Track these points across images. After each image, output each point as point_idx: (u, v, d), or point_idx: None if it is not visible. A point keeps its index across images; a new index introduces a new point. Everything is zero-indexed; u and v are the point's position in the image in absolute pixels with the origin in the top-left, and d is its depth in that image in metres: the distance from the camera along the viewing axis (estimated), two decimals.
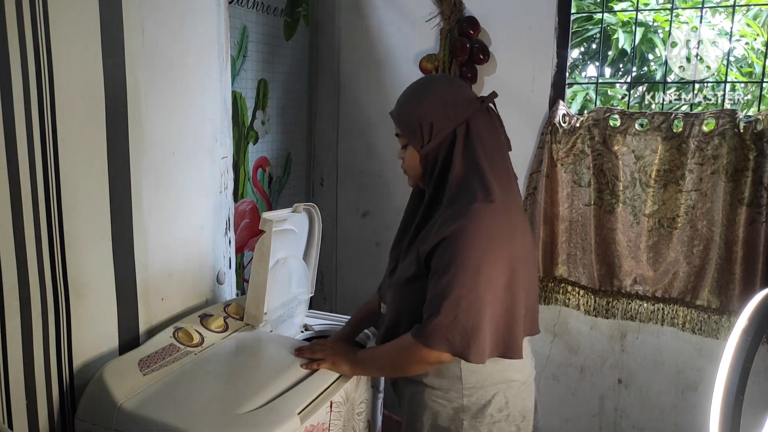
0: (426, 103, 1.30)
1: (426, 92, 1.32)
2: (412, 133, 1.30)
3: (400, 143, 1.36)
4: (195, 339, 1.44)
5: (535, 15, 2.12)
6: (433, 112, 1.28)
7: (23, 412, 1.19)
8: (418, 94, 1.33)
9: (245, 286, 2.20)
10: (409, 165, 1.34)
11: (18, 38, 1.10)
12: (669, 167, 1.98)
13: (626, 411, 2.22)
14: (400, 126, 1.34)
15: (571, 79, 2.96)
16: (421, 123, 1.28)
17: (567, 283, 2.19)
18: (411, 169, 1.35)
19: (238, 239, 2.11)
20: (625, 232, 2.06)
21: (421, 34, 2.28)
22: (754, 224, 1.87)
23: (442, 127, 1.27)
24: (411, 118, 1.30)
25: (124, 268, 1.39)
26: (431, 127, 1.28)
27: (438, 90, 1.32)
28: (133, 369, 1.29)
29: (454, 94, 1.31)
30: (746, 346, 0.92)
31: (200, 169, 1.63)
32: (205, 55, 1.62)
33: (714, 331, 1.98)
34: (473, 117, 1.27)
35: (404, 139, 1.34)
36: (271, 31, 2.21)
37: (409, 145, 1.32)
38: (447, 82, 1.40)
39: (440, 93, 1.31)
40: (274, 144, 2.30)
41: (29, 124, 1.14)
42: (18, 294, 1.15)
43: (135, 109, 1.37)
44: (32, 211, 1.16)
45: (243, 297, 1.75)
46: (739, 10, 2.96)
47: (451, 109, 1.28)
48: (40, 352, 1.21)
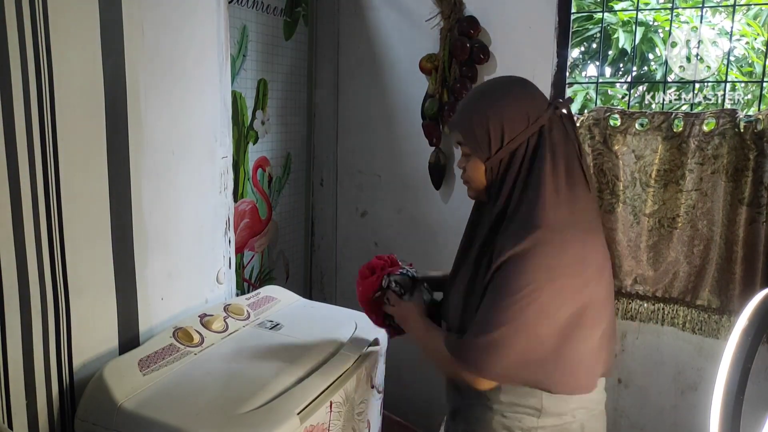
0: (495, 107, 1.15)
1: (495, 95, 1.17)
2: (477, 142, 1.15)
3: (462, 152, 1.22)
4: (195, 339, 1.45)
5: (535, 15, 2.12)
6: (502, 118, 1.14)
7: (23, 412, 1.19)
8: (486, 98, 1.17)
9: (245, 286, 2.20)
10: (472, 176, 1.20)
11: (18, 38, 1.10)
12: (669, 167, 1.97)
13: (626, 411, 2.21)
14: (462, 132, 1.19)
15: (572, 79, 2.96)
16: (488, 130, 1.14)
17: None
18: (473, 181, 1.20)
19: (238, 239, 2.11)
20: (625, 232, 2.06)
21: (421, 33, 2.28)
22: (755, 224, 1.87)
23: (513, 135, 1.13)
24: (476, 125, 1.15)
25: (124, 268, 1.39)
26: (501, 135, 1.14)
27: (509, 93, 1.17)
28: (133, 369, 1.29)
29: (528, 98, 1.16)
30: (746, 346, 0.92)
31: (200, 168, 1.63)
32: (205, 55, 1.62)
33: (714, 331, 1.98)
34: (547, 125, 1.14)
35: (467, 148, 1.19)
36: (271, 30, 2.21)
37: (473, 155, 1.18)
38: (519, 83, 1.21)
39: (512, 97, 1.16)
40: (274, 144, 2.30)
41: (29, 124, 1.14)
42: (18, 294, 1.15)
43: (135, 109, 1.37)
44: (32, 210, 1.16)
45: (243, 297, 1.75)
46: (740, 9, 2.96)
47: (524, 116, 1.14)
48: (40, 352, 1.21)
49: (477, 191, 1.22)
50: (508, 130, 1.13)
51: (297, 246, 2.55)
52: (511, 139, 1.13)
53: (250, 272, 2.23)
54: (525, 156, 1.13)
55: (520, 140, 1.13)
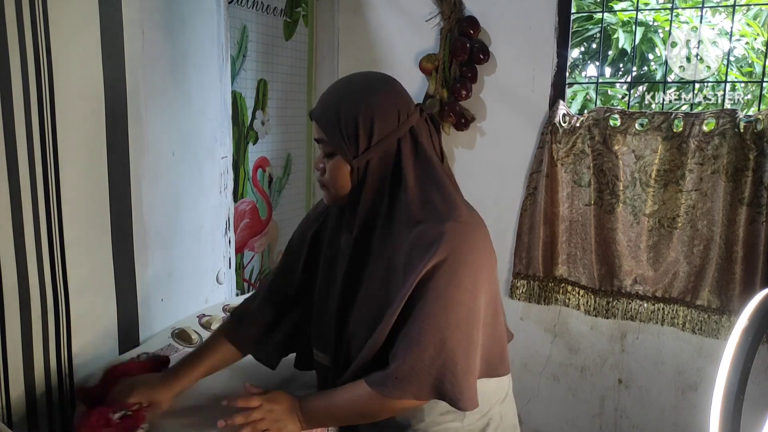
0: (366, 102, 1.04)
1: (366, 89, 1.06)
2: (343, 140, 1.03)
3: (323, 151, 1.08)
4: (194, 339, 1.45)
5: (535, 15, 2.12)
6: (373, 114, 1.03)
7: (23, 412, 1.19)
8: (355, 91, 1.06)
9: (245, 286, 2.20)
10: (334, 178, 1.06)
11: (18, 39, 1.10)
12: (669, 167, 1.97)
13: (626, 411, 2.21)
14: (325, 129, 1.06)
15: (572, 79, 2.96)
16: (357, 127, 1.03)
17: (567, 283, 2.19)
18: (334, 184, 1.07)
19: (238, 239, 2.10)
20: (625, 232, 2.06)
21: (421, 33, 2.28)
22: (755, 224, 1.87)
23: (383, 134, 1.03)
24: (343, 119, 1.03)
25: (124, 268, 1.39)
26: (370, 132, 1.03)
27: (381, 89, 1.06)
28: None
29: (399, 96, 1.07)
30: (746, 346, 0.92)
31: (200, 169, 1.63)
32: (205, 55, 1.62)
33: (714, 331, 1.98)
34: (416, 126, 1.06)
35: (330, 146, 1.06)
36: (271, 31, 2.21)
37: (337, 155, 1.05)
38: (390, 80, 1.10)
39: (383, 92, 1.06)
40: (274, 144, 2.30)
41: (29, 124, 1.14)
42: (18, 294, 1.15)
43: (135, 110, 1.37)
44: (32, 211, 1.16)
45: (242, 297, 1.75)
46: (739, 9, 2.96)
47: (395, 114, 1.04)
48: (40, 352, 1.21)
49: (337, 196, 1.09)
50: (378, 128, 1.03)
51: None
52: (382, 137, 1.03)
53: (250, 272, 2.23)
54: (401, 157, 1.03)
55: (390, 141, 1.04)
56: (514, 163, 2.22)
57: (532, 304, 2.25)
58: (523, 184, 2.20)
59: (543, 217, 2.14)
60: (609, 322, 2.17)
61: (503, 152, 2.24)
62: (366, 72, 1.13)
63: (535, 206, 2.16)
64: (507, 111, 2.23)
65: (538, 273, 2.19)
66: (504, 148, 2.23)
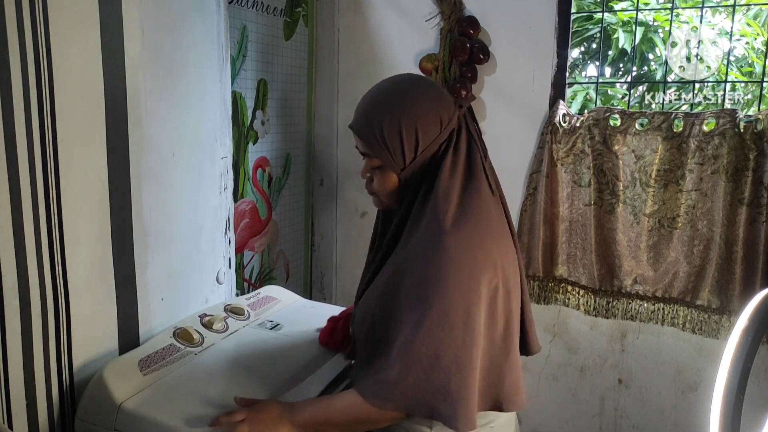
0: (409, 112, 1.01)
1: (407, 97, 1.03)
2: (390, 155, 1.02)
3: (370, 164, 1.07)
4: (195, 339, 1.44)
5: (535, 15, 2.12)
6: (417, 125, 1.01)
7: (23, 412, 1.19)
8: (396, 100, 1.03)
9: (245, 285, 2.20)
10: (385, 188, 1.07)
11: (18, 39, 1.10)
12: (669, 167, 1.97)
13: (626, 411, 2.21)
14: (370, 145, 1.04)
15: (572, 79, 2.96)
16: (402, 141, 1.01)
17: (567, 283, 2.19)
18: (386, 193, 1.08)
19: (238, 239, 2.10)
20: (625, 232, 2.06)
21: (421, 33, 2.28)
22: (755, 224, 1.87)
23: (428, 143, 1.02)
24: (387, 133, 1.01)
25: (124, 268, 1.39)
26: (416, 144, 1.02)
27: (422, 95, 1.03)
28: (133, 369, 1.29)
29: (440, 100, 1.04)
30: (746, 346, 0.92)
31: (200, 169, 1.63)
32: (205, 55, 1.62)
33: (714, 331, 1.98)
34: (456, 127, 1.05)
35: (376, 160, 1.05)
36: (271, 31, 2.21)
37: (384, 167, 1.05)
38: (429, 83, 1.08)
39: (425, 99, 1.03)
40: (274, 144, 2.30)
41: (29, 124, 1.14)
42: (18, 294, 1.15)
43: (135, 110, 1.37)
44: (32, 211, 1.16)
45: (243, 297, 1.75)
46: (739, 9, 2.96)
47: (438, 121, 1.02)
48: (40, 352, 1.21)
49: (388, 203, 1.10)
50: (422, 138, 1.01)
51: (297, 246, 2.55)
52: (425, 148, 1.02)
53: (250, 272, 2.23)
54: (443, 162, 1.03)
55: (434, 148, 1.03)
56: (514, 163, 2.22)
57: (531, 304, 2.25)
58: (523, 184, 2.20)
59: (543, 217, 2.14)
60: (609, 322, 2.17)
61: (503, 152, 2.23)
62: (401, 77, 1.09)
63: (535, 206, 2.16)
64: (507, 111, 2.23)
65: (538, 273, 2.19)
66: (504, 148, 2.23)
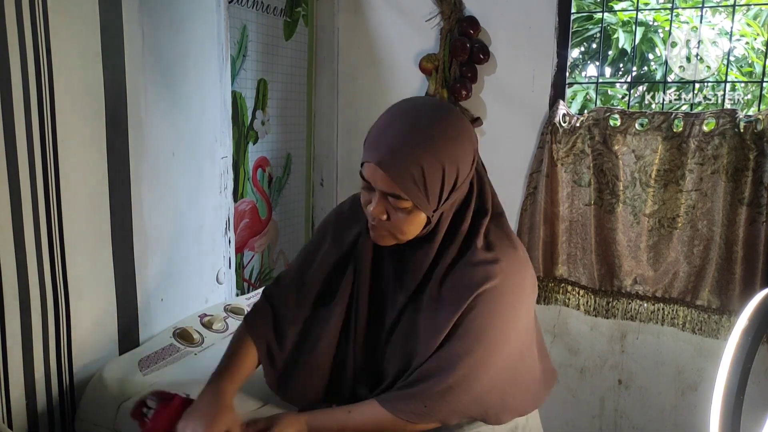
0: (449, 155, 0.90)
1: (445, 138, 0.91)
2: (426, 197, 0.90)
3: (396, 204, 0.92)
4: (195, 339, 1.45)
5: (535, 15, 2.12)
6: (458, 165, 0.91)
7: (23, 412, 1.19)
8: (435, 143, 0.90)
9: (245, 285, 2.20)
10: (407, 229, 0.95)
11: (18, 39, 1.10)
12: (669, 167, 1.97)
13: (626, 412, 2.21)
14: (404, 186, 0.89)
15: (572, 79, 2.96)
16: (443, 183, 0.90)
17: (567, 283, 2.19)
18: (405, 234, 0.96)
19: (238, 239, 2.10)
20: (625, 232, 2.06)
21: (421, 33, 2.28)
22: (755, 224, 1.87)
23: (464, 179, 0.93)
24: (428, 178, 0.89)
25: (124, 268, 1.39)
26: (454, 184, 0.92)
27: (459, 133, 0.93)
28: (133, 369, 1.29)
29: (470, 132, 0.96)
30: (746, 346, 0.92)
31: (200, 169, 1.63)
32: (205, 55, 1.62)
33: (714, 331, 1.98)
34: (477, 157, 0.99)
35: (409, 203, 0.91)
36: (271, 30, 2.21)
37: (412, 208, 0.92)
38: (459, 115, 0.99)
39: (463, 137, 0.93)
40: (274, 144, 2.30)
41: (29, 124, 1.14)
42: (18, 294, 1.15)
43: (135, 110, 1.37)
44: (32, 211, 1.16)
45: (243, 297, 1.75)
46: (739, 9, 2.96)
47: (473, 155, 0.95)
48: (40, 353, 1.21)
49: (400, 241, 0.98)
50: (461, 179, 0.93)
51: (297, 246, 2.55)
52: (461, 186, 0.94)
53: (250, 272, 2.23)
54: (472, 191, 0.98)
55: (466, 187, 0.96)
56: (514, 162, 2.22)
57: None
58: (523, 184, 2.20)
59: (543, 217, 2.14)
60: (609, 322, 2.17)
61: (503, 152, 2.24)
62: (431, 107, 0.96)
63: (535, 206, 2.16)
64: (507, 111, 2.23)
65: (538, 273, 2.19)
66: (504, 148, 2.23)
